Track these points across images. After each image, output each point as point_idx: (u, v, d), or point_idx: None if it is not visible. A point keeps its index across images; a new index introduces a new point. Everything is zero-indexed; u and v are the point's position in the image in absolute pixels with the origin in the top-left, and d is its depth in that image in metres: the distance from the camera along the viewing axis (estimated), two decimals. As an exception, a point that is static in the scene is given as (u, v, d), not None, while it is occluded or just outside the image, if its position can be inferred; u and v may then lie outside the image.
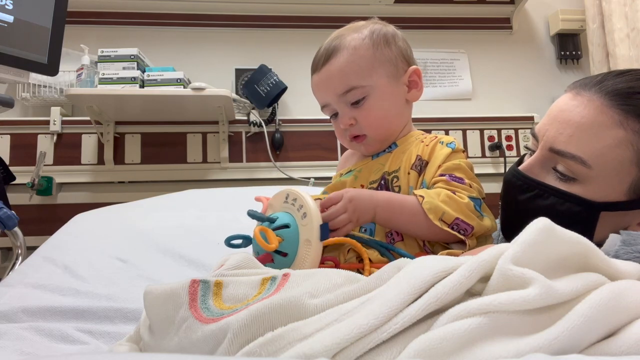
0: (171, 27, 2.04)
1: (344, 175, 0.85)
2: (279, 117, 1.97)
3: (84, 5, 1.96)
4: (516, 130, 2.07)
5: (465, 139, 2.04)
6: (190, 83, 1.73)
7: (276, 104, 1.94)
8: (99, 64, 1.73)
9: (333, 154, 1.96)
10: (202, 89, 1.66)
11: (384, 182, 0.79)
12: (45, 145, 1.84)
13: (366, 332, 0.36)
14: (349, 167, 0.86)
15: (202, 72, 1.95)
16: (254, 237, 0.65)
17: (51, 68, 1.20)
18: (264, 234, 0.62)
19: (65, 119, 1.88)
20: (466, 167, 0.77)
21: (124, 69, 1.71)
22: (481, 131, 2.06)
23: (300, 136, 1.98)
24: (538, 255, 0.41)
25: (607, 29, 1.98)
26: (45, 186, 1.78)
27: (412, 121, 0.87)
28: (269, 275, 0.48)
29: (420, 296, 0.39)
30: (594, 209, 0.67)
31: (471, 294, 0.41)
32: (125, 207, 1.35)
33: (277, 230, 0.64)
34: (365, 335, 0.36)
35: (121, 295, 0.87)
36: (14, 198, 1.55)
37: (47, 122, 1.84)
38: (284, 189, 0.70)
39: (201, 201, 1.34)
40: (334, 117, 0.84)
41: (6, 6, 1.11)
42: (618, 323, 0.39)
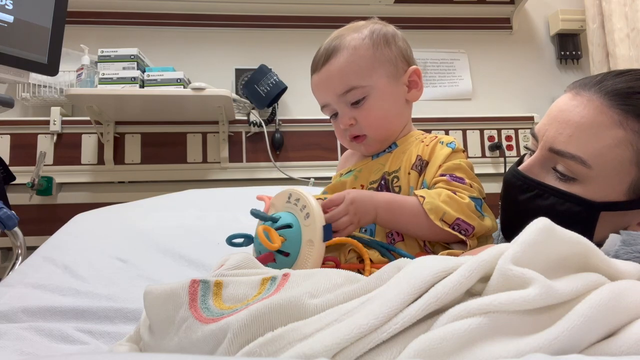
0: (171, 27, 2.04)
1: (344, 175, 0.85)
2: (279, 117, 1.97)
3: (84, 5, 1.96)
4: (516, 130, 2.07)
5: (465, 139, 2.04)
6: (190, 83, 1.73)
7: (276, 104, 1.94)
8: (99, 64, 1.73)
9: (333, 154, 1.96)
10: (202, 89, 1.66)
11: (384, 182, 0.79)
12: (45, 145, 1.84)
13: (366, 332, 0.36)
14: (349, 167, 0.86)
15: (202, 72, 1.95)
16: (256, 236, 0.65)
17: (51, 68, 1.20)
18: (267, 234, 0.62)
19: (65, 119, 1.88)
20: (466, 167, 0.76)
21: (124, 69, 1.71)
22: (481, 131, 2.06)
23: (300, 136, 1.98)
24: (538, 255, 0.41)
25: (607, 29, 1.98)
26: (45, 186, 1.78)
27: (412, 121, 0.87)
28: (268, 275, 0.48)
29: (420, 296, 0.39)
30: (593, 209, 0.67)
31: (471, 294, 0.41)
32: (125, 207, 1.35)
33: (279, 230, 0.64)
34: (365, 335, 0.36)
35: (121, 295, 0.87)
36: (14, 198, 1.55)
37: (47, 122, 1.84)
38: (286, 189, 0.70)
39: (201, 201, 1.34)
40: (334, 117, 0.84)
41: (6, 6, 1.11)
42: (618, 323, 0.39)
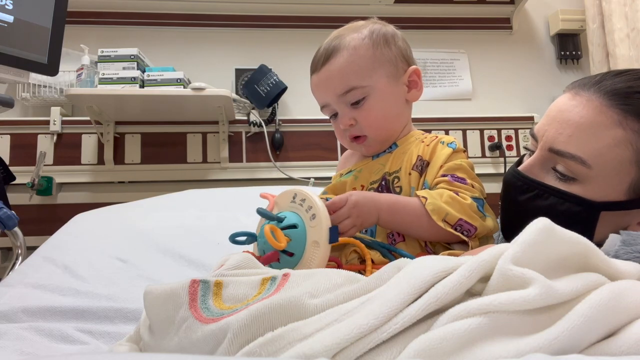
0: (171, 27, 2.04)
1: (344, 176, 0.85)
2: (279, 117, 1.97)
3: (84, 5, 1.96)
4: (516, 130, 2.07)
5: (465, 139, 2.04)
6: (190, 83, 1.73)
7: (276, 104, 1.94)
8: (99, 64, 1.73)
9: (333, 154, 1.96)
10: (202, 89, 1.66)
11: (384, 182, 0.79)
12: (45, 145, 1.84)
13: (366, 332, 0.36)
14: (349, 167, 0.86)
15: (202, 72, 1.95)
16: (261, 235, 0.64)
17: (51, 68, 1.20)
18: (273, 233, 0.62)
19: (65, 119, 1.88)
20: (468, 167, 0.77)
21: (124, 69, 1.71)
22: (481, 131, 2.06)
23: (300, 136, 1.98)
24: (538, 255, 0.41)
25: (607, 29, 1.98)
26: (45, 186, 1.78)
27: (412, 121, 0.87)
28: (268, 275, 0.48)
29: (420, 296, 0.39)
30: (594, 208, 0.67)
31: (471, 294, 0.41)
32: (125, 207, 1.35)
33: (284, 229, 0.64)
34: (365, 335, 0.36)
35: (121, 295, 0.87)
36: (14, 198, 1.55)
37: (47, 122, 1.84)
38: (291, 188, 0.70)
39: (201, 201, 1.34)
40: (334, 118, 0.83)
41: (6, 6, 1.11)
42: (618, 323, 0.39)
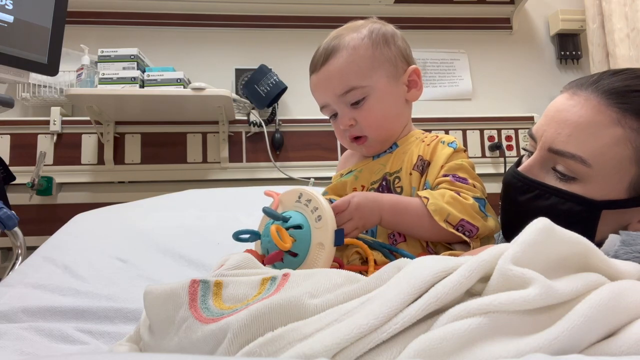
0: (171, 27, 2.04)
1: (344, 176, 0.85)
2: (279, 117, 1.97)
3: (84, 5, 1.96)
4: (516, 130, 2.07)
5: (465, 139, 2.04)
6: (190, 83, 1.73)
7: (276, 104, 1.94)
8: (99, 64, 1.73)
9: (333, 154, 1.96)
10: (202, 89, 1.66)
11: (385, 182, 0.79)
12: (45, 145, 1.84)
13: (366, 332, 0.36)
14: (349, 167, 0.86)
15: (202, 72, 1.95)
16: (266, 234, 0.64)
17: (51, 68, 1.20)
18: (278, 233, 0.62)
19: (65, 119, 1.88)
20: (469, 167, 0.77)
21: (124, 69, 1.71)
22: (481, 131, 2.06)
23: (300, 136, 1.98)
24: (538, 255, 0.41)
25: (607, 29, 1.98)
26: (45, 186, 1.78)
27: (412, 121, 0.87)
28: (268, 275, 0.48)
29: (420, 296, 0.39)
30: (595, 207, 0.67)
31: (471, 294, 0.41)
32: (125, 207, 1.35)
33: (288, 229, 0.64)
34: (365, 336, 0.36)
35: (121, 295, 0.87)
36: (14, 198, 1.55)
37: (47, 122, 1.84)
38: (296, 188, 0.70)
39: (201, 201, 1.34)
40: (334, 118, 0.83)
41: (6, 6, 1.11)
42: (618, 323, 0.39)
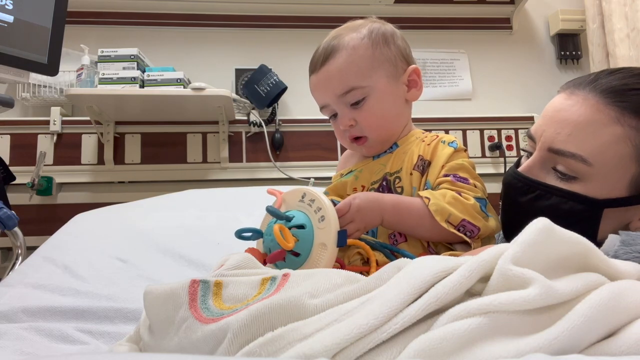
0: (171, 27, 2.04)
1: (344, 176, 0.85)
2: (279, 117, 1.97)
3: (84, 5, 1.96)
4: (516, 130, 2.07)
5: (465, 139, 2.04)
6: (190, 83, 1.73)
7: (276, 104, 1.94)
8: (99, 64, 1.73)
9: (333, 154, 1.96)
10: (202, 89, 1.66)
11: (385, 183, 0.79)
12: (45, 145, 1.84)
13: (366, 332, 0.36)
14: (349, 167, 0.86)
15: (202, 72, 1.95)
16: (268, 233, 0.64)
17: (51, 68, 1.20)
18: (282, 233, 0.62)
19: (65, 119, 1.88)
20: (469, 167, 0.76)
21: (124, 69, 1.71)
22: (481, 131, 2.06)
23: (300, 136, 1.98)
24: (538, 255, 0.41)
25: (607, 29, 1.98)
26: (45, 186, 1.78)
27: (412, 121, 0.87)
28: (268, 275, 0.48)
29: (420, 296, 0.39)
30: (597, 206, 0.67)
31: (471, 294, 0.41)
32: (125, 207, 1.35)
33: (291, 229, 0.64)
34: (365, 336, 0.36)
35: (121, 295, 0.87)
36: (14, 198, 1.55)
37: (47, 122, 1.84)
38: (299, 187, 0.70)
39: (201, 201, 1.34)
40: (334, 118, 0.83)
41: (6, 6, 1.11)
42: (618, 323, 0.39)
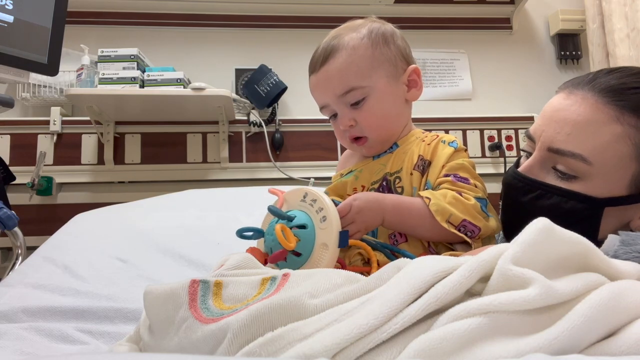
0: (171, 27, 2.04)
1: (344, 176, 0.84)
2: (279, 117, 1.97)
3: (84, 5, 1.96)
4: (516, 130, 2.07)
5: (465, 139, 2.04)
6: (190, 83, 1.73)
7: (276, 104, 1.94)
8: (99, 64, 1.73)
9: (333, 154, 1.96)
10: (202, 89, 1.66)
11: (385, 183, 0.79)
12: (45, 145, 1.84)
13: (366, 332, 0.36)
14: (349, 167, 0.86)
15: (202, 72, 1.95)
16: (270, 233, 0.64)
17: (51, 68, 1.20)
18: (284, 233, 0.62)
19: (65, 119, 1.88)
20: (470, 167, 0.76)
21: (124, 69, 1.71)
22: (481, 131, 2.06)
23: (300, 136, 1.98)
24: (538, 255, 0.41)
25: (607, 29, 1.98)
26: (45, 186, 1.78)
27: (412, 121, 0.87)
28: (268, 275, 0.48)
29: (420, 296, 0.39)
30: (597, 205, 0.67)
31: (471, 294, 0.41)
32: (125, 207, 1.35)
33: (292, 229, 0.64)
34: (365, 336, 0.36)
35: (121, 295, 0.87)
36: (14, 198, 1.55)
37: (47, 122, 1.84)
38: (301, 187, 0.70)
39: (201, 201, 1.34)
40: (333, 118, 0.83)
41: (6, 6, 1.11)
42: (618, 323, 0.39)
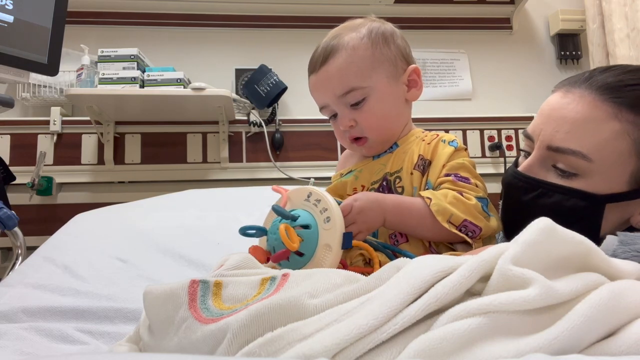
0: (171, 27, 2.04)
1: (344, 176, 0.84)
2: (279, 117, 1.97)
3: (84, 5, 1.96)
4: (516, 130, 2.07)
5: (465, 139, 2.04)
6: (190, 83, 1.73)
7: (276, 104, 1.94)
8: (99, 64, 1.73)
9: (333, 154, 1.96)
10: (202, 89, 1.66)
11: (385, 183, 0.79)
12: (45, 145, 1.84)
13: (366, 332, 0.36)
14: (349, 167, 0.86)
15: (202, 72, 1.95)
16: (274, 232, 0.64)
17: (51, 68, 1.20)
18: (287, 232, 0.62)
19: (65, 119, 1.88)
20: (470, 166, 0.76)
21: (124, 69, 1.71)
22: (481, 131, 2.06)
23: (300, 136, 1.98)
24: (538, 255, 0.41)
25: (607, 29, 1.98)
26: (45, 186, 1.78)
27: (412, 121, 0.87)
28: (268, 275, 0.48)
29: (420, 296, 0.39)
30: (598, 201, 0.67)
31: (471, 293, 0.41)
32: (125, 207, 1.35)
33: (296, 228, 0.64)
34: (365, 336, 0.36)
35: (121, 295, 0.87)
36: (14, 198, 1.55)
37: (47, 122, 1.84)
38: (305, 187, 0.70)
39: (201, 201, 1.34)
40: (333, 118, 0.83)
41: (6, 6, 1.11)
42: (618, 323, 0.39)
